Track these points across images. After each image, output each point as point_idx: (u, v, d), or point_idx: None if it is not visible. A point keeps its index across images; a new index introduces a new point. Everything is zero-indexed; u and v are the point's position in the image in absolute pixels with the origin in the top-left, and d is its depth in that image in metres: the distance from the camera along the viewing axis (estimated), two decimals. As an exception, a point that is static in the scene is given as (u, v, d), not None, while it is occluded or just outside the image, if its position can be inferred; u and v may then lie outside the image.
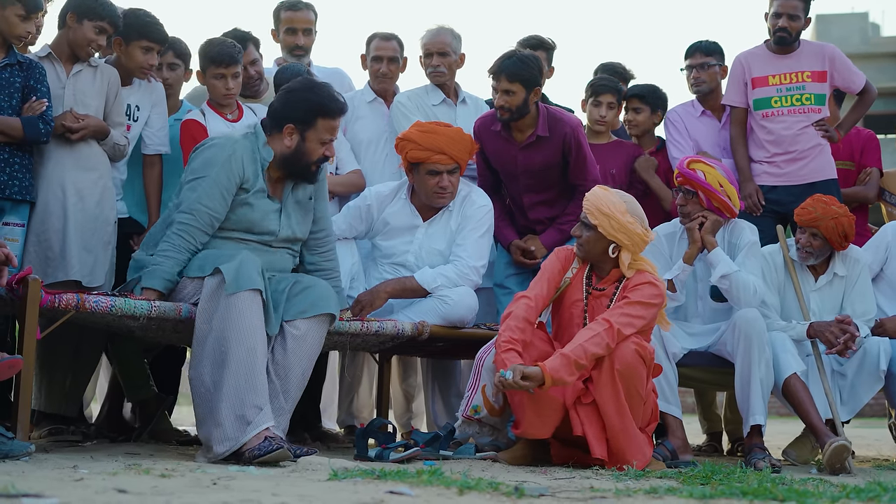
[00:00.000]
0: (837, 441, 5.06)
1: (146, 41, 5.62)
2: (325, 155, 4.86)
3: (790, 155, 6.35)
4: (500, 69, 5.72)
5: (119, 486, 2.95)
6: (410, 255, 5.76)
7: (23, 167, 5.17)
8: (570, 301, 5.04)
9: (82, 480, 3.18)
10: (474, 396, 5.18)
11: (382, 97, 6.45)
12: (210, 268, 4.53)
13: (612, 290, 4.99)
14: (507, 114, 5.77)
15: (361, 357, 6.58)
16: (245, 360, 4.36)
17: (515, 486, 3.32)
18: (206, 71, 5.86)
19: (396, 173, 6.17)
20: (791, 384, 5.40)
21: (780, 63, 6.43)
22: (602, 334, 4.71)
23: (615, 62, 7.07)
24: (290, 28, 6.54)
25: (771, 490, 3.40)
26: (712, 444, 6.91)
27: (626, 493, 3.41)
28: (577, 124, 5.96)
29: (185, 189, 4.76)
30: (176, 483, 3.20)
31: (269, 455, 4.17)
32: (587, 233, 4.99)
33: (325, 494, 3.04)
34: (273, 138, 4.83)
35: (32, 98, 5.17)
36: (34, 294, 4.40)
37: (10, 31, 5.12)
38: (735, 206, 5.63)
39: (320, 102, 4.81)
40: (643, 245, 5.00)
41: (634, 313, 4.82)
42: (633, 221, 4.94)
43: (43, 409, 5.54)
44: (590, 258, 5.04)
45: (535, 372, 4.59)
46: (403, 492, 3.06)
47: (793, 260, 5.82)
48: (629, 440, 4.79)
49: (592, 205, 4.98)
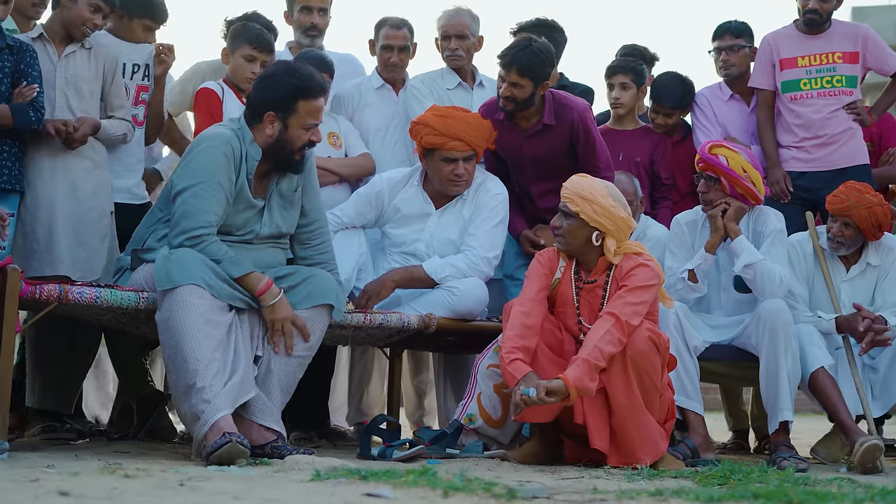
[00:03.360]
0: (869, 440, 4.83)
1: (149, 20, 5.50)
2: (311, 140, 4.61)
3: (819, 139, 6.10)
4: (511, 61, 5.44)
5: (66, 489, 2.72)
6: (421, 243, 5.53)
7: (11, 155, 4.96)
8: (563, 300, 4.83)
9: (37, 481, 2.96)
10: (469, 404, 4.97)
11: (391, 84, 6.22)
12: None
13: (604, 279, 4.77)
14: (511, 104, 5.51)
15: (371, 353, 6.37)
16: (178, 356, 4.20)
17: (509, 488, 3.07)
18: (237, 50, 5.63)
19: (405, 161, 5.96)
20: (818, 378, 5.17)
21: (810, 44, 6.17)
22: (612, 330, 4.51)
23: (637, 44, 6.80)
24: (305, 7, 6.29)
25: (785, 492, 3.13)
26: (738, 442, 6.69)
27: (629, 495, 3.16)
28: (585, 108, 5.70)
29: (187, 193, 4.44)
30: (137, 484, 2.97)
31: (221, 450, 3.95)
32: (568, 222, 4.77)
33: (296, 497, 2.81)
34: (255, 130, 4.57)
35: (23, 83, 4.96)
36: (13, 285, 4.21)
37: None
38: (760, 193, 5.39)
39: (299, 84, 4.56)
40: (628, 231, 4.77)
41: (636, 300, 4.60)
42: (615, 205, 4.73)
43: (37, 406, 5.35)
44: (572, 250, 4.81)
45: (558, 386, 4.39)
46: (381, 494, 2.83)
47: (822, 248, 5.56)
48: (639, 430, 4.57)
49: (572, 192, 4.76)
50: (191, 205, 4.43)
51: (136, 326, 4.78)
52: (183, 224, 4.42)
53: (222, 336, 4.29)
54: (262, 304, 4.42)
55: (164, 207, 4.67)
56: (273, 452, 4.30)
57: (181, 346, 4.20)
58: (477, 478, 3.45)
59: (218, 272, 4.35)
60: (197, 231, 4.40)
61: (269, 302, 4.42)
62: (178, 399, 4.26)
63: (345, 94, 6.15)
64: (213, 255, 4.39)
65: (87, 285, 4.45)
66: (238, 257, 4.45)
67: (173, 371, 4.26)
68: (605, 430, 4.59)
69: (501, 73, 5.49)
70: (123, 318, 4.64)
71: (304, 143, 4.59)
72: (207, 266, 4.33)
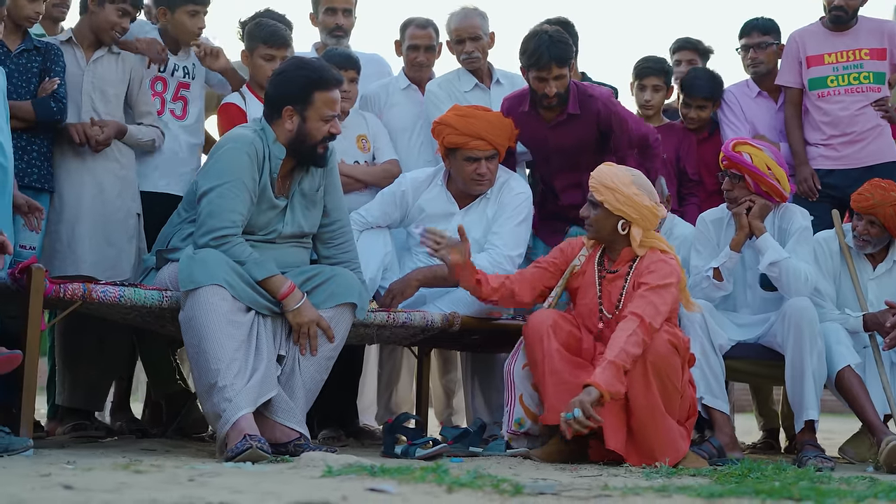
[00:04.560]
0: (895, 439, 4.77)
1: (191, 5, 5.52)
2: (331, 132, 4.64)
3: (847, 137, 6.08)
4: (548, 59, 5.43)
5: (73, 483, 2.75)
6: (445, 242, 5.54)
7: (41, 155, 5.05)
8: (585, 287, 4.86)
9: (48, 476, 3.01)
10: (514, 410, 4.93)
11: (417, 84, 6.25)
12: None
13: (626, 271, 4.79)
14: (557, 99, 5.54)
15: (400, 352, 6.39)
16: (200, 356, 4.25)
17: (515, 484, 3.08)
18: (254, 51, 5.67)
19: (432, 161, 5.97)
20: (845, 377, 5.14)
21: (837, 40, 6.15)
22: (637, 332, 4.51)
23: (691, 37, 6.81)
24: (329, 8, 6.33)
25: (788, 489, 3.12)
26: (769, 442, 6.62)
27: (634, 491, 3.16)
28: (608, 96, 5.72)
29: (213, 194, 4.47)
30: (146, 479, 3.01)
31: (242, 455, 4.00)
32: (594, 211, 4.81)
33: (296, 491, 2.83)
34: (276, 126, 4.61)
35: (45, 79, 5.03)
36: (38, 283, 4.26)
37: (19, 14, 4.98)
38: (785, 190, 5.35)
39: (313, 76, 4.59)
40: (654, 219, 4.78)
41: (658, 300, 4.60)
42: (639, 193, 4.73)
43: (66, 405, 5.42)
44: (601, 239, 4.85)
45: (594, 397, 4.37)
46: (384, 489, 2.85)
47: (849, 247, 5.52)
48: (658, 433, 4.56)
49: (597, 181, 4.79)
50: (216, 205, 4.47)
51: (162, 325, 4.82)
52: (208, 224, 4.46)
53: (244, 336, 4.33)
54: (286, 308, 4.45)
55: (189, 208, 4.72)
56: (296, 451, 4.32)
57: (203, 345, 4.25)
58: (489, 474, 3.45)
59: (241, 274, 4.39)
60: (222, 231, 4.44)
61: (292, 306, 4.46)
62: (201, 398, 4.33)
63: (371, 94, 6.19)
64: (237, 257, 4.43)
65: (111, 284, 4.50)
66: (262, 259, 4.48)
67: (196, 370, 4.31)
68: (622, 431, 4.58)
69: (541, 75, 5.48)
70: (149, 316, 4.68)
71: (325, 135, 4.61)
72: (230, 267, 4.37)
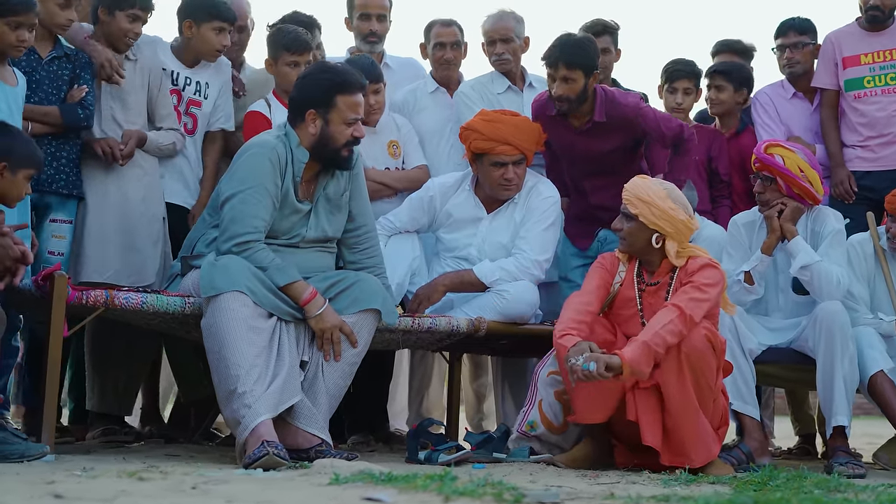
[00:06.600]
0: (925, 446, 4.71)
1: (217, 21, 5.52)
2: (354, 136, 4.63)
3: (885, 138, 6.02)
4: (557, 57, 5.42)
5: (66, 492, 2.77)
6: (473, 248, 5.53)
7: (70, 161, 5.08)
8: (624, 300, 4.79)
9: (52, 483, 3.02)
10: (531, 412, 4.92)
11: (445, 86, 6.22)
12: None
13: (668, 281, 4.72)
14: (566, 104, 5.47)
15: (431, 357, 6.38)
16: (220, 362, 4.26)
17: (517, 493, 3.06)
18: (278, 59, 5.67)
19: (461, 165, 5.93)
20: (877, 382, 5.07)
21: (873, 41, 6.08)
22: (676, 321, 4.45)
23: (734, 39, 6.73)
24: (363, 14, 6.33)
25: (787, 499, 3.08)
26: (804, 447, 6.51)
27: (637, 501, 3.12)
28: (637, 103, 5.63)
29: (235, 200, 4.49)
30: (147, 486, 3.02)
31: (259, 461, 4.00)
32: (629, 224, 4.74)
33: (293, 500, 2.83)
34: (299, 130, 4.61)
35: (75, 86, 5.08)
36: (60, 290, 4.29)
37: (52, 21, 5.01)
38: (818, 193, 5.28)
39: (336, 80, 4.60)
40: (688, 232, 4.72)
41: (701, 297, 4.54)
42: (674, 207, 4.66)
43: (96, 410, 5.45)
44: (634, 252, 4.78)
45: (614, 362, 4.33)
46: (380, 498, 2.84)
47: (883, 249, 5.44)
48: (692, 429, 4.50)
49: (631, 194, 4.73)
50: (238, 210, 4.49)
51: (187, 331, 4.84)
52: (231, 230, 4.47)
53: (265, 342, 4.33)
54: (308, 314, 4.45)
55: (213, 214, 4.73)
56: (317, 456, 4.32)
57: (223, 352, 4.26)
58: (499, 482, 3.43)
59: (263, 280, 4.39)
60: (245, 237, 4.45)
61: (314, 312, 4.46)
62: (222, 404, 4.33)
63: (400, 100, 6.17)
64: (259, 263, 4.43)
65: (133, 291, 4.52)
66: (283, 265, 4.48)
67: (216, 376, 4.32)
68: (658, 427, 4.52)
69: (550, 72, 5.48)
70: (173, 322, 4.70)
71: (348, 138, 4.61)
72: (252, 273, 4.38)
